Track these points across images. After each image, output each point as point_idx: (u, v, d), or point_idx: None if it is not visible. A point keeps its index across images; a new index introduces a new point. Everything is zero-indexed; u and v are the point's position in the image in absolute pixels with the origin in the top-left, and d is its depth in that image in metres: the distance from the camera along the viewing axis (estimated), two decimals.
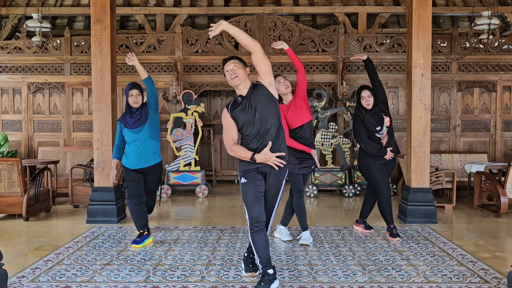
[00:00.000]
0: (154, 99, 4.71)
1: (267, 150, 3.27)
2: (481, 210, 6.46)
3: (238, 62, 3.41)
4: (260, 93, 3.36)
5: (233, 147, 3.37)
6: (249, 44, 3.27)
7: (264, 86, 3.38)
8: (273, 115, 3.37)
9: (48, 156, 8.40)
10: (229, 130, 3.42)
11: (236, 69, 3.36)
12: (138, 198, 4.60)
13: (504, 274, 3.69)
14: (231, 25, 3.23)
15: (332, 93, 8.50)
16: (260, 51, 3.29)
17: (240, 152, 3.35)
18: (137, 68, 4.72)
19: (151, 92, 4.70)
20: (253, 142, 3.37)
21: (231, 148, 3.38)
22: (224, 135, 3.45)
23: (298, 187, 4.56)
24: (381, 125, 4.80)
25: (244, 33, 3.29)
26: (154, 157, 4.68)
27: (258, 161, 3.29)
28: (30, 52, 8.76)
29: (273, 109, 3.38)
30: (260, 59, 3.31)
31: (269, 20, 8.61)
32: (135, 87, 4.58)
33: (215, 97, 9.72)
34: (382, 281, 3.58)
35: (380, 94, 4.86)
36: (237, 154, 3.37)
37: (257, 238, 3.37)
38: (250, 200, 3.37)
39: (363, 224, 5.20)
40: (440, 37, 8.71)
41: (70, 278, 3.65)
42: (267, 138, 3.35)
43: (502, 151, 8.70)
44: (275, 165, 3.30)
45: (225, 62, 3.42)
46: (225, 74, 3.44)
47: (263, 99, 3.36)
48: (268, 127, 3.35)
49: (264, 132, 3.35)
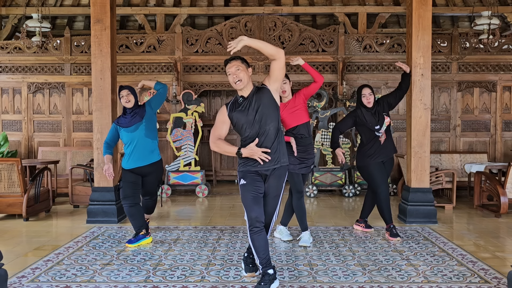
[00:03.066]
0: (160, 100, 4.80)
1: (253, 145, 3.29)
2: (481, 210, 6.46)
3: (241, 63, 3.37)
4: (264, 96, 3.36)
5: (218, 142, 3.38)
6: (274, 53, 3.27)
7: (270, 91, 3.38)
8: (273, 118, 3.37)
9: (48, 156, 8.40)
10: (221, 126, 3.43)
11: (239, 73, 3.34)
12: (131, 199, 4.59)
13: (504, 274, 3.69)
14: (252, 39, 3.24)
15: (332, 93, 8.50)
16: (283, 59, 3.30)
17: (225, 147, 3.37)
18: (146, 85, 4.97)
19: (162, 93, 4.80)
20: (250, 142, 3.37)
21: (216, 143, 3.38)
22: (212, 129, 3.45)
23: (298, 187, 4.56)
24: (381, 124, 4.81)
25: (267, 44, 3.29)
26: (152, 155, 4.68)
27: (244, 155, 3.31)
28: (30, 52, 8.76)
29: (274, 113, 3.38)
30: (280, 67, 3.32)
31: (269, 20, 8.61)
32: (124, 88, 4.65)
33: (215, 97, 9.72)
34: (382, 281, 3.58)
35: (395, 100, 4.97)
36: (222, 149, 3.38)
37: (256, 239, 3.36)
38: (249, 201, 3.37)
39: (363, 223, 5.20)
40: (440, 37, 8.71)
41: (70, 278, 3.65)
42: (266, 140, 3.35)
43: (502, 151, 8.70)
44: (260, 160, 3.30)
45: (227, 63, 3.39)
46: (227, 74, 3.42)
47: (266, 102, 3.36)
48: (267, 129, 3.35)
49: (262, 134, 3.35)
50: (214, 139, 3.40)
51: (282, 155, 3.43)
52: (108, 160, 4.59)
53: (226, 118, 3.43)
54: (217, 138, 3.40)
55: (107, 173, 4.54)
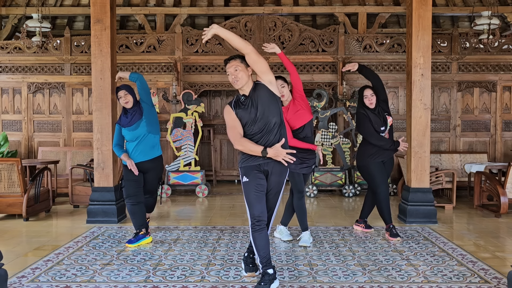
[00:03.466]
0: (145, 92, 4.70)
1: (279, 146, 3.26)
2: (481, 210, 6.46)
3: (239, 63, 3.37)
4: (261, 93, 3.37)
5: (242, 141, 3.32)
6: (241, 46, 3.26)
7: (264, 85, 3.38)
8: (274, 113, 3.38)
9: (48, 156, 8.40)
10: (234, 125, 3.39)
11: (237, 73, 3.34)
12: (134, 198, 4.61)
13: (504, 274, 3.69)
14: (222, 29, 3.25)
15: (332, 93, 8.50)
16: (252, 53, 3.27)
17: (251, 146, 3.31)
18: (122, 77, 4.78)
19: (141, 86, 4.69)
20: (255, 140, 3.37)
21: (240, 142, 3.32)
22: (229, 130, 3.40)
23: (299, 187, 4.56)
24: (385, 125, 4.82)
25: (235, 36, 3.27)
26: (153, 150, 4.71)
27: (269, 155, 3.26)
28: (30, 52, 8.76)
29: (275, 108, 3.38)
30: (254, 60, 3.29)
31: (269, 20, 8.60)
32: (121, 88, 4.63)
33: (215, 97, 9.72)
34: (382, 281, 3.58)
35: (381, 93, 4.85)
36: (247, 148, 3.32)
37: (258, 237, 3.38)
38: (252, 199, 3.38)
39: (363, 223, 5.20)
40: (440, 37, 8.71)
41: (70, 278, 3.66)
42: (270, 136, 3.36)
43: (502, 151, 8.70)
44: (284, 161, 3.29)
45: (227, 63, 3.41)
46: (227, 74, 3.43)
47: (264, 98, 3.36)
48: (271, 125, 3.36)
49: (267, 131, 3.36)
50: (237, 137, 3.34)
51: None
52: (127, 158, 4.62)
53: (234, 116, 3.41)
54: (240, 137, 3.35)
55: (133, 168, 4.56)
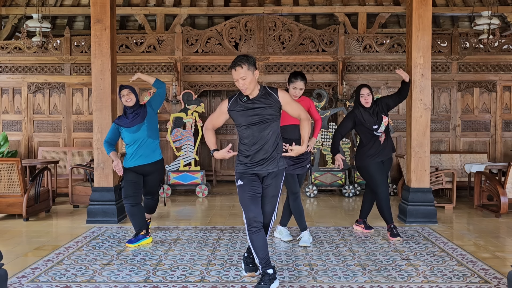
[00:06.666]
0: (160, 99, 4.78)
1: (225, 151, 3.35)
2: (481, 210, 6.46)
3: (246, 70, 3.26)
4: (271, 105, 3.36)
5: (208, 131, 3.52)
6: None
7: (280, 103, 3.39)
8: (273, 126, 3.40)
9: (48, 156, 8.40)
10: (218, 116, 3.52)
11: (245, 81, 3.28)
12: (133, 199, 4.59)
13: (504, 274, 3.69)
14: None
15: (332, 93, 8.50)
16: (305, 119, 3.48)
17: (209, 139, 3.50)
18: (143, 79, 4.87)
19: (161, 93, 4.77)
20: (246, 144, 3.40)
21: (207, 130, 3.52)
22: (211, 115, 3.57)
23: (293, 188, 4.54)
24: (379, 124, 4.81)
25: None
26: (154, 154, 4.69)
27: (216, 157, 3.44)
28: (30, 52, 8.76)
29: (275, 121, 3.41)
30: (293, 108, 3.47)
31: (269, 20, 8.60)
32: (125, 87, 4.63)
33: (215, 97, 9.72)
34: (382, 281, 3.58)
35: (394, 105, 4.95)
36: (206, 139, 3.52)
37: (255, 239, 3.37)
38: (246, 201, 3.38)
39: (363, 224, 5.20)
40: (440, 37, 8.71)
41: (70, 278, 3.66)
42: (265, 145, 3.37)
43: (502, 151, 8.70)
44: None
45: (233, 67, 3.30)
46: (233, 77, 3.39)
47: (270, 109, 3.36)
48: (266, 134, 3.36)
49: (262, 140, 3.36)
50: (208, 125, 3.54)
51: (280, 159, 3.47)
52: (115, 156, 4.55)
53: (225, 111, 3.46)
54: (211, 127, 3.53)
55: (117, 169, 4.50)
